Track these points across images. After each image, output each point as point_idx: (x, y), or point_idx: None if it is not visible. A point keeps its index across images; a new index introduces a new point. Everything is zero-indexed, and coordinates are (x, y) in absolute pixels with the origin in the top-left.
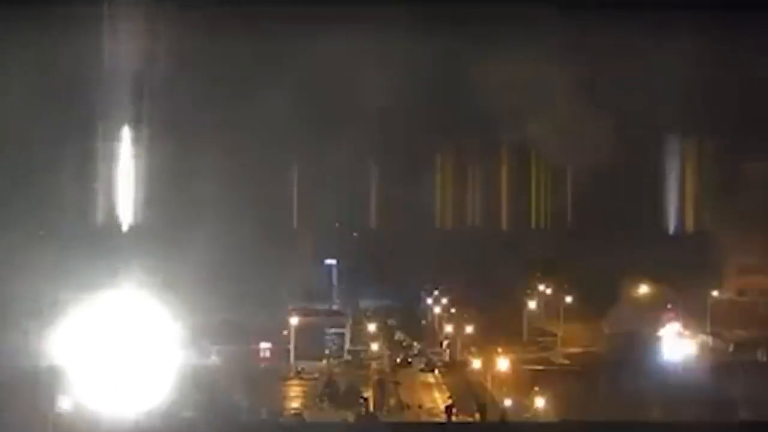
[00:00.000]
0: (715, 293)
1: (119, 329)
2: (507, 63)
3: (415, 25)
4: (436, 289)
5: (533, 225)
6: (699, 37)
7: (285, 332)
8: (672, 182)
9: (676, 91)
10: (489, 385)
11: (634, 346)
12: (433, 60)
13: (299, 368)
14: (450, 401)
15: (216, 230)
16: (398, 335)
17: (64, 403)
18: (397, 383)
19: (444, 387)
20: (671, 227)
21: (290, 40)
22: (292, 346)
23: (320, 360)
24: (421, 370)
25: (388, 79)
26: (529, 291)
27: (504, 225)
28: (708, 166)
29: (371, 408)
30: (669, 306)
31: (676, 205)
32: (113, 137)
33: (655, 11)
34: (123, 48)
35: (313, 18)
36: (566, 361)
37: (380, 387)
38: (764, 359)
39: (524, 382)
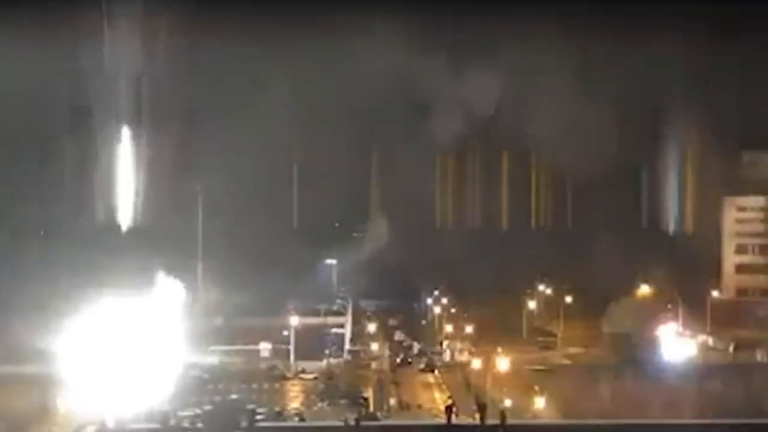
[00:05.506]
0: (715, 293)
1: (120, 329)
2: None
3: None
4: (436, 289)
5: (533, 225)
6: None
7: (285, 332)
8: (671, 183)
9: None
10: (489, 385)
11: (634, 346)
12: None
13: (299, 368)
14: (450, 401)
15: (215, 230)
16: (398, 335)
17: (66, 402)
18: (397, 383)
19: (444, 387)
20: (671, 228)
21: (290, 39)
22: (292, 346)
23: (320, 360)
24: (421, 370)
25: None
26: (529, 291)
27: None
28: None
29: (371, 408)
30: (668, 306)
31: (675, 206)
32: (113, 137)
33: None
34: (123, 48)
35: (311, 20)
36: (566, 361)
37: (380, 387)
38: (764, 360)
39: (524, 382)
